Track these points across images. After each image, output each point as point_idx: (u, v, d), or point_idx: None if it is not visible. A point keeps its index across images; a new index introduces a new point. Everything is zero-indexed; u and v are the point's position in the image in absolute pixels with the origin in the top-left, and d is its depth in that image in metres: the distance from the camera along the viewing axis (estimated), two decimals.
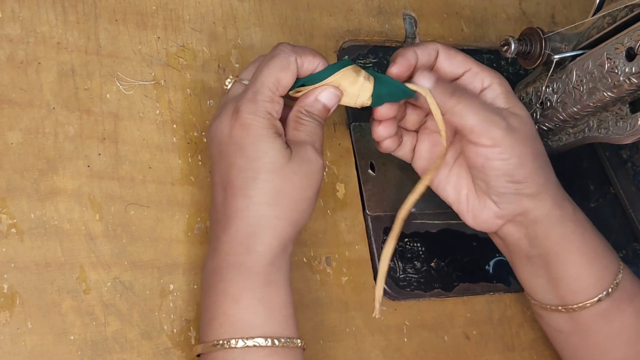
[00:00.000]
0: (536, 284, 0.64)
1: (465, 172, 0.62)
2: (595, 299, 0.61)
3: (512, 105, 0.60)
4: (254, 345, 0.52)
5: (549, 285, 0.63)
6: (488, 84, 0.60)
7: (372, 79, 0.58)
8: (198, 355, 0.56)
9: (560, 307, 0.63)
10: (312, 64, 0.57)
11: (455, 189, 0.62)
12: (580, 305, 0.62)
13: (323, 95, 0.58)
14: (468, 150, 0.59)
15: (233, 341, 0.53)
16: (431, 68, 0.61)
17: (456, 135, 0.62)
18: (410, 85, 0.59)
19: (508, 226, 0.61)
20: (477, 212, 0.61)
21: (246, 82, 0.58)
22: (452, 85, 0.59)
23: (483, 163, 0.58)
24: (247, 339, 0.53)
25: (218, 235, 0.55)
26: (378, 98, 0.58)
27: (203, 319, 0.55)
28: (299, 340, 0.54)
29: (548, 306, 0.64)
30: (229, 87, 0.59)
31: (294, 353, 0.54)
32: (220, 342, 0.53)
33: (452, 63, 0.60)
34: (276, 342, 0.53)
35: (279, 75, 0.56)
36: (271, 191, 0.54)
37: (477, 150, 0.58)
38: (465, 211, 0.62)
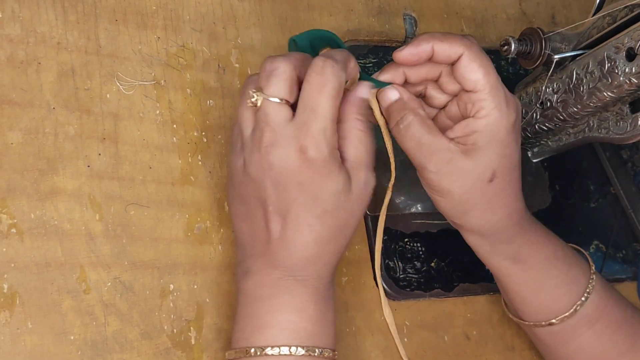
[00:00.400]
0: (499, 288, 0.66)
1: None
2: (545, 322, 0.62)
3: (478, 149, 0.56)
4: (309, 355, 0.53)
5: (504, 295, 0.65)
6: (481, 116, 0.56)
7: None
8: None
9: (516, 319, 0.65)
10: (353, 71, 0.56)
11: None
12: (530, 324, 0.63)
13: (363, 91, 0.57)
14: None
15: (289, 348, 0.53)
16: (450, 64, 0.57)
17: None
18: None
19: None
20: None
21: (280, 101, 0.53)
22: (404, 111, 0.57)
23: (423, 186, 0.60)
24: (305, 347, 0.53)
25: (275, 256, 0.54)
26: None
27: (249, 324, 0.55)
28: (336, 353, 0.56)
29: (509, 314, 0.66)
30: (258, 103, 0.54)
31: None
32: (281, 347, 0.53)
33: (467, 77, 0.56)
34: (329, 353, 0.54)
35: (336, 103, 0.53)
36: (337, 225, 0.54)
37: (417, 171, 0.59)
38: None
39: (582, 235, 0.77)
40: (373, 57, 0.71)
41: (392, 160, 0.60)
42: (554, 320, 0.62)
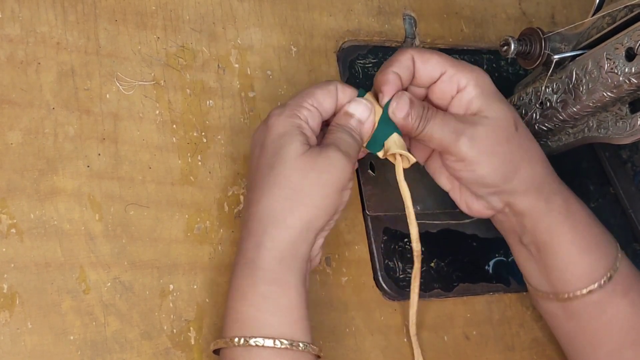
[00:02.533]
0: (530, 269, 0.65)
1: None
2: (586, 290, 0.61)
3: (485, 107, 0.59)
4: (256, 345, 0.52)
5: (541, 272, 0.63)
6: (464, 85, 0.59)
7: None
8: (215, 352, 0.56)
9: (552, 295, 0.63)
10: (352, 94, 0.59)
11: (448, 180, 0.64)
12: (570, 294, 0.62)
13: (353, 108, 0.58)
14: (443, 161, 0.61)
15: (236, 339, 0.53)
16: (412, 78, 0.60)
17: None
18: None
19: (499, 216, 0.63)
20: (469, 202, 0.63)
21: None
22: (423, 106, 0.59)
23: (453, 174, 0.60)
24: (249, 337, 0.52)
25: (241, 234, 0.56)
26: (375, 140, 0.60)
27: (223, 316, 0.56)
28: (303, 344, 0.53)
29: (542, 293, 0.64)
30: None
31: (300, 357, 0.53)
32: (227, 339, 0.53)
33: (428, 67, 0.59)
34: (278, 343, 0.52)
35: (315, 89, 0.57)
36: (284, 184, 0.54)
37: (447, 163, 0.60)
38: (459, 200, 0.63)
39: None
40: (373, 57, 0.71)
41: (414, 235, 0.62)
42: (594, 286, 0.61)
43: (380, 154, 0.60)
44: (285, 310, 0.54)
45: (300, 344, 0.53)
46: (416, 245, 0.61)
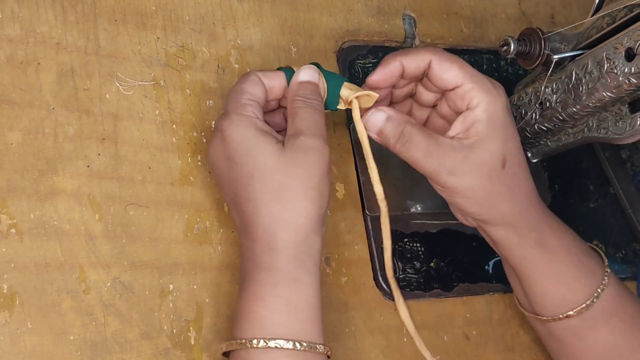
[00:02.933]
0: (514, 287, 0.66)
1: None
2: (562, 315, 0.62)
3: (482, 137, 0.57)
4: (275, 347, 0.52)
5: (522, 292, 0.64)
6: (474, 105, 0.57)
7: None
8: (225, 354, 0.56)
9: (532, 315, 0.64)
10: (276, 76, 0.59)
11: None
12: (548, 318, 0.63)
13: (301, 75, 0.58)
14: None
15: (255, 341, 0.53)
16: (421, 76, 0.60)
17: None
18: (346, 91, 0.59)
19: (481, 231, 0.63)
20: (456, 212, 0.63)
21: None
22: (401, 124, 0.58)
23: (439, 192, 0.60)
24: (269, 339, 0.52)
25: (243, 244, 0.56)
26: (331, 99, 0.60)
27: (233, 318, 0.56)
28: (321, 346, 0.54)
29: (523, 310, 0.66)
30: None
31: (315, 358, 0.54)
32: (243, 340, 0.53)
33: (445, 76, 0.58)
34: (298, 345, 0.52)
35: (239, 85, 0.58)
36: (272, 189, 0.54)
37: (429, 180, 0.59)
38: (452, 208, 0.64)
39: (582, 235, 0.76)
40: (372, 57, 0.71)
41: (377, 187, 0.60)
42: (571, 313, 0.61)
43: (341, 107, 0.60)
44: (302, 311, 0.54)
45: (318, 346, 0.53)
46: (378, 188, 0.61)
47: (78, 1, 0.62)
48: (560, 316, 0.62)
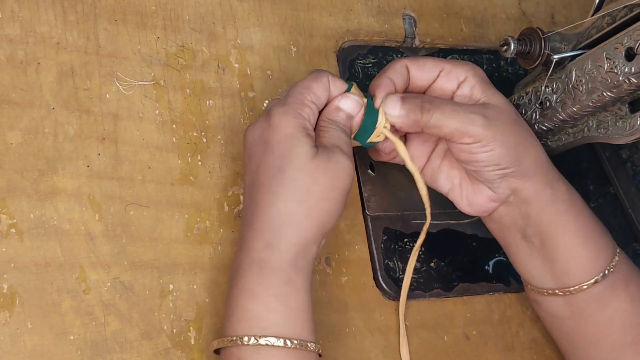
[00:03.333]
0: (532, 266, 0.64)
1: (456, 162, 0.63)
2: (591, 280, 0.61)
3: (489, 95, 0.61)
4: (266, 344, 0.52)
5: (545, 266, 0.63)
6: (463, 77, 0.61)
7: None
8: (216, 352, 0.55)
9: (556, 290, 0.63)
10: (341, 88, 0.60)
11: (447, 179, 0.64)
12: (576, 287, 0.62)
13: (343, 103, 0.59)
14: (452, 148, 0.61)
15: (246, 338, 0.52)
16: (407, 84, 0.62)
17: None
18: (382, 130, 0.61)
19: (502, 208, 0.63)
20: (471, 197, 0.63)
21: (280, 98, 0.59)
22: (419, 99, 0.60)
23: (468, 157, 0.60)
24: (260, 336, 0.52)
25: (244, 233, 0.56)
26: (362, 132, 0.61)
27: (225, 315, 0.56)
28: (313, 344, 0.54)
29: (544, 290, 0.64)
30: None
31: (307, 357, 0.54)
32: (234, 338, 0.53)
33: (424, 71, 0.62)
34: (289, 342, 0.53)
35: (311, 83, 0.58)
36: (297, 188, 0.54)
37: (461, 147, 0.60)
38: (460, 198, 0.64)
39: None
40: (372, 57, 0.71)
41: (427, 205, 0.63)
42: (599, 277, 0.61)
43: (373, 139, 0.61)
44: (295, 311, 0.54)
45: (309, 344, 0.54)
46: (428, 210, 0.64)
47: (78, 1, 0.62)
48: (588, 284, 0.61)
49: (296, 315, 0.54)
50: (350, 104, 0.59)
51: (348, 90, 0.60)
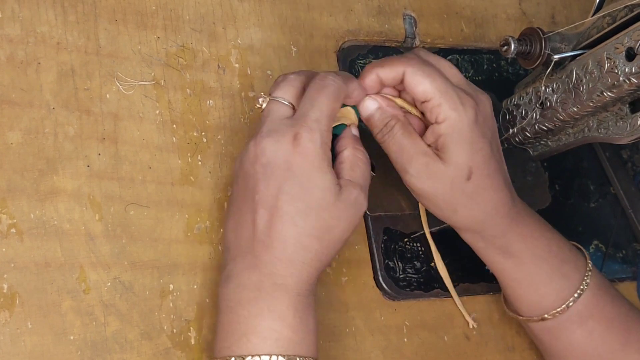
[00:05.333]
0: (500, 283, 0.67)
1: None
2: (537, 317, 0.64)
3: (448, 151, 0.59)
4: None
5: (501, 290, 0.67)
6: (441, 120, 0.58)
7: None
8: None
9: (511, 312, 0.67)
10: (355, 92, 0.59)
11: None
12: (524, 318, 0.65)
13: (355, 130, 0.61)
14: None
15: (274, 357, 0.53)
16: (400, 84, 0.61)
17: None
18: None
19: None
20: None
21: (285, 102, 0.57)
22: (388, 117, 0.60)
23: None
24: (286, 356, 0.53)
25: (258, 253, 0.55)
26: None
27: (230, 332, 0.54)
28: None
29: (508, 309, 0.67)
30: (263, 105, 0.57)
31: None
32: (268, 356, 0.53)
33: (416, 90, 0.59)
34: None
35: (335, 105, 0.56)
36: (320, 226, 0.55)
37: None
38: None
39: (582, 235, 0.77)
40: (373, 57, 0.71)
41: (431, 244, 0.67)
42: (546, 316, 0.63)
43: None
44: (312, 332, 0.56)
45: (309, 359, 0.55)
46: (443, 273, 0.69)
47: (78, 1, 0.62)
48: (535, 318, 0.64)
49: (312, 336, 0.55)
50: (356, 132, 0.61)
51: (355, 110, 0.61)
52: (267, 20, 0.68)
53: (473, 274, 0.70)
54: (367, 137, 0.66)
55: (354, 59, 0.71)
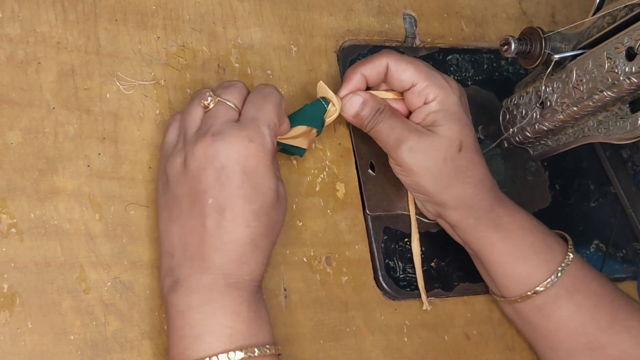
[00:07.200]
0: (482, 274, 0.68)
1: None
2: (527, 293, 0.64)
3: (438, 124, 0.63)
4: (249, 356, 0.53)
5: (486, 275, 0.68)
6: (430, 99, 0.63)
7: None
8: None
9: (499, 297, 0.67)
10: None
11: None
12: (514, 297, 0.65)
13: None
14: (389, 162, 0.65)
15: (227, 354, 0.53)
16: (384, 78, 0.64)
17: None
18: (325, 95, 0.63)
19: (441, 221, 0.67)
20: (418, 204, 0.68)
21: (233, 105, 0.57)
22: (376, 106, 0.63)
23: (396, 175, 0.65)
24: (242, 350, 0.53)
25: (209, 256, 0.54)
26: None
27: (182, 336, 0.54)
28: (279, 347, 0.56)
29: (493, 295, 0.68)
30: (210, 104, 0.57)
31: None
32: (219, 355, 0.53)
33: (402, 77, 0.63)
34: (267, 350, 0.54)
35: (279, 113, 0.58)
36: (269, 224, 0.56)
37: (391, 164, 0.65)
38: (415, 196, 0.68)
39: (582, 235, 0.77)
40: None
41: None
42: (538, 288, 0.63)
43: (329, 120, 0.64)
44: (265, 322, 0.56)
45: (278, 347, 0.56)
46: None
47: (78, 1, 0.62)
48: (523, 296, 0.64)
49: (267, 325, 0.56)
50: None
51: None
52: (267, 19, 0.68)
53: (473, 273, 0.70)
54: (367, 136, 0.67)
55: (354, 59, 0.71)
